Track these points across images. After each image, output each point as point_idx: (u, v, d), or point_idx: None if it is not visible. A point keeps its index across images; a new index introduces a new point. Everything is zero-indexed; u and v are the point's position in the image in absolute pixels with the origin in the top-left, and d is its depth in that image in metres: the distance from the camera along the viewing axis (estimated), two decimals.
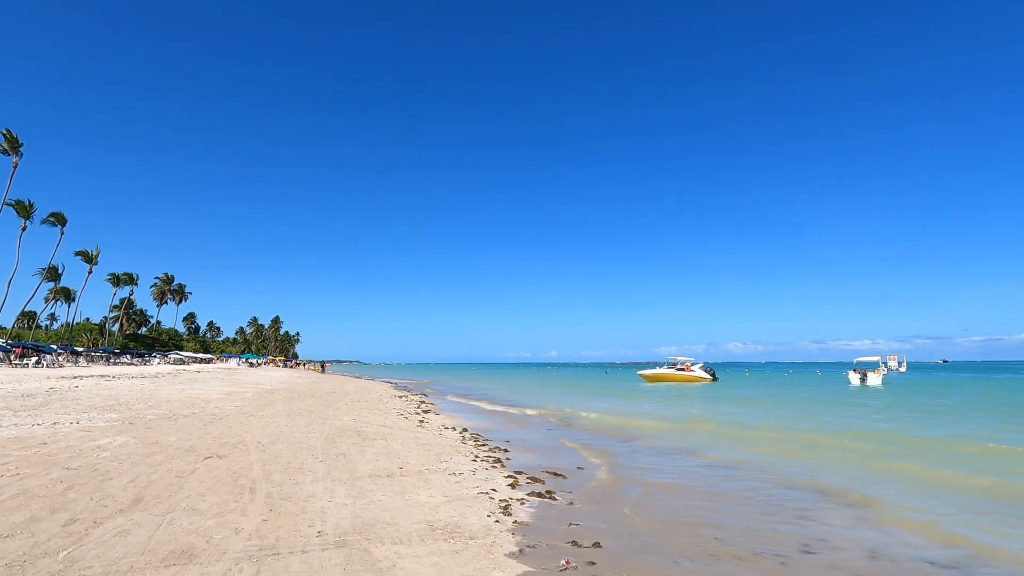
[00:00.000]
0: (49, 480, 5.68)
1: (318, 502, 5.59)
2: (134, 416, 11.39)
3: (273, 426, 11.29)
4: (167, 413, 12.31)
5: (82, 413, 11.41)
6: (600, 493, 7.25)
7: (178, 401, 15.38)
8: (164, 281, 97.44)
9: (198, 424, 10.82)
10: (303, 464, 7.48)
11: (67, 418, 10.47)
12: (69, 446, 7.56)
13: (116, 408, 12.70)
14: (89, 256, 72.63)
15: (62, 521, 4.46)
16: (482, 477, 7.64)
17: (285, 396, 20.77)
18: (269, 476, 6.59)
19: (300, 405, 17.00)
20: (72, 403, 13.34)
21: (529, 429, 14.74)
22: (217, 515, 4.92)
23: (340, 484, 6.46)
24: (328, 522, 4.94)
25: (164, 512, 4.89)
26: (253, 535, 4.45)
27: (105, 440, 8.22)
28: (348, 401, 20.15)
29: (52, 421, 9.90)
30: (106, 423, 10.10)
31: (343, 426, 12.08)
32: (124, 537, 4.20)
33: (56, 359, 42.61)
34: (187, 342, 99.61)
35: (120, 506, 4.98)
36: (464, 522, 5.29)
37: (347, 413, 15.28)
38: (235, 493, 5.71)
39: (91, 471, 6.23)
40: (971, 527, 5.97)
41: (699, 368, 46.06)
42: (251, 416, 12.93)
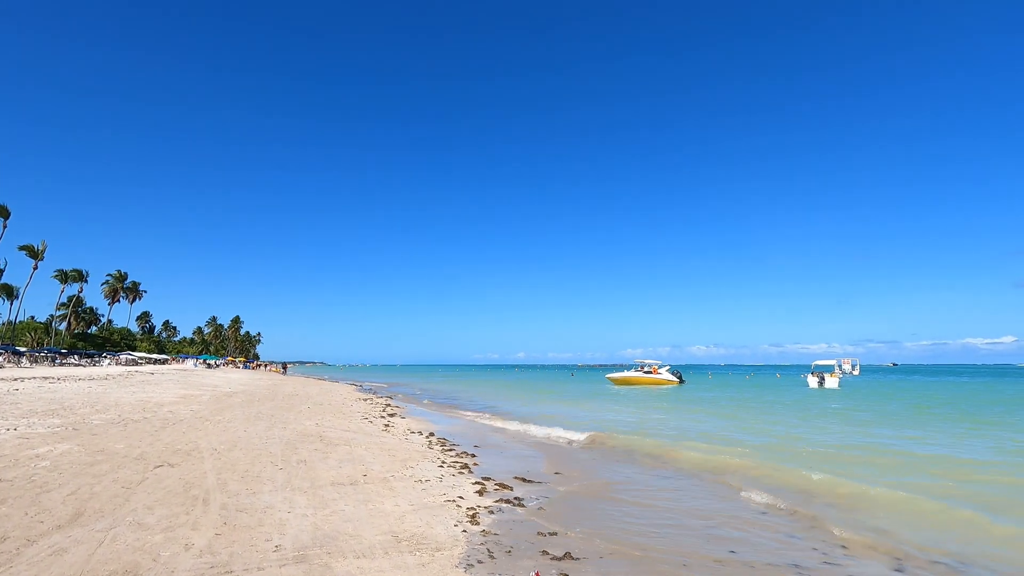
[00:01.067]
0: None
1: (276, 513, 5.33)
2: (79, 421, 10.76)
3: (230, 431, 10.84)
4: (116, 418, 11.68)
5: (21, 418, 10.71)
6: (570, 500, 7.17)
7: (128, 405, 14.64)
8: (117, 279, 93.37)
9: (149, 430, 10.29)
10: (261, 472, 7.16)
11: (2, 424, 9.80)
12: (3, 455, 7.04)
13: (59, 413, 11.98)
14: (35, 251, 68.88)
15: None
16: (449, 484, 7.47)
17: (244, 399, 20.06)
18: (224, 486, 6.27)
19: (260, 409, 16.43)
20: (11, 407, 12.53)
21: (497, 433, 14.61)
22: (166, 529, 4.62)
23: (300, 493, 6.19)
24: (287, 535, 4.70)
25: (107, 528, 4.57)
26: (205, 551, 4.19)
27: (44, 448, 7.70)
28: (311, 404, 19.61)
29: None
30: (47, 429, 9.50)
31: (305, 431, 11.70)
32: (60, 556, 3.88)
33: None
34: (141, 342, 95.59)
35: (58, 522, 4.62)
36: (430, 532, 5.12)
37: (309, 417, 14.84)
38: (187, 505, 5.39)
39: (27, 482, 5.80)
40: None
41: (666, 371, 46.71)
42: (207, 421, 12.39)
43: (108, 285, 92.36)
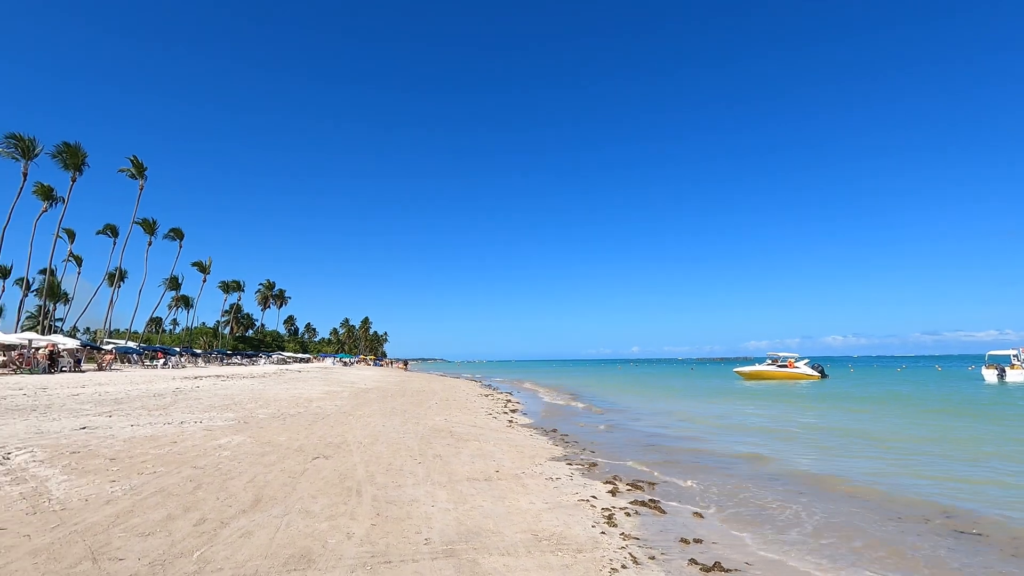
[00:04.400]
0: (181, 479, 6.13)
1: (421, 507, 5.62)
2: (247, 416, 12.23)
3: (371, 426, 11.70)
4: (276, 413, 13.13)
5: (203, 412, 12.42)
6: (713, 507, 6.79)
7: (284, 400, 16.41)
8: (266, 287, 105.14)
9: (303, 424, 11.42)
10: (403, 466, 7.62)
11: (191, 417, 11.41)
12: (195, 445, 8.19)
13: (232, 408, 13.72)
14: (203, 266, 79.83)
15: (193, 520, 4.75)
16: (579, 482, 7.42)
17: (379, 395, 21.62)
18: (373, 478, 6.75)
19: (393, 404, 17.59)
20: (195, 403, 14.58)
21: (620, 431, 14.32)
22: (329, 518, 5.05)
23: (440, 488, 6.48)
24: (434, 529, 4.93)
25: (281, 514, 5.10)
26: (364, 540, 4.51)
27: (225, 439, 8.84)
28: (437, 400, 20.63)
29: (180, 420, 10.83)
30: (224, 422, 10.90)
31: (436, 426, 12.30)
32: (248, 539, 4.39)
33: (179, 360, 47.11)
34: (288, 343, 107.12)
35: (242, 506, 5.25)
36: (569, 532, 5.10)
37: (438, 413, 15.60)
38: (343, 495, 5.87)
39: (215, 470, 6.67)
40: None
41: (804, 364, 42.80)
42: (350, 416, 13.49)
43: (260, 293, 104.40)
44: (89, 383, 20.55)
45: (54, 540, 4.11)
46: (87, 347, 39.77)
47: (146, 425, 10.00)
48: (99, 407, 12.58)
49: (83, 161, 52.23)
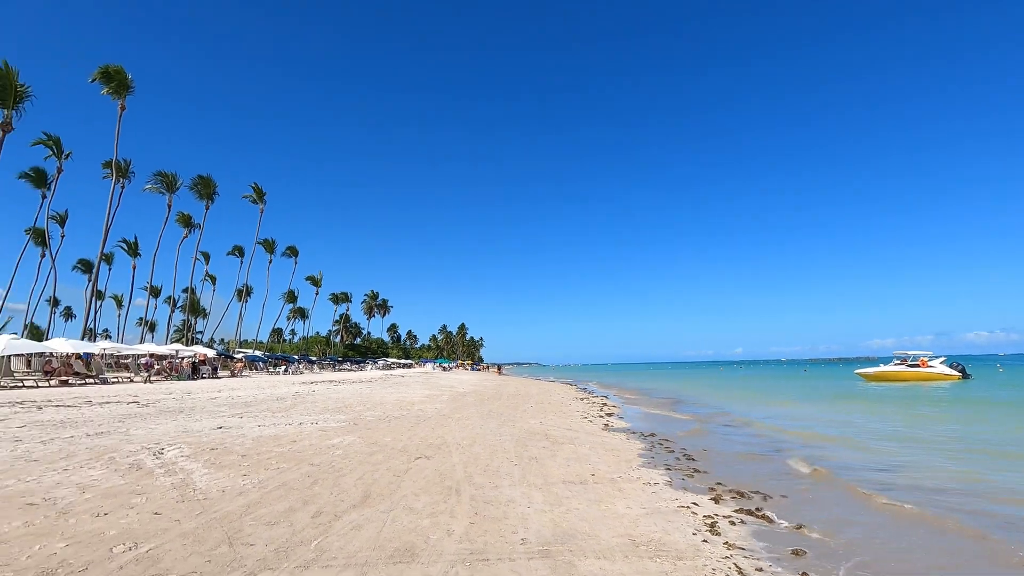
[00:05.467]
0: (300, 475, 6.71)
1: (518, 507, 5.71)
2: (357, 417, 13.10)
3: (469, 428, 12.06)
4: (382, 415, 13.94)
5: (319, 415, 13.47)
6: (832, 522, 6.28)
7: (389, 404, 17.37)
8: (371, 297, 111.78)
9: (406, 426, 12.02)
10: (499, 467, 7.78)
11: (308, 419, 12.43)
12: (312, 444, 8.92)
13: (343, 410, 14.76)
14: (316, 280, 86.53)
15: (311, 513, 5.18)
16: (679, 489, 7.16)
17: (476, 399, 22.22)
18: (471, 478, 6.97)
19: (490, 408, 18.00)
20: (311, 405, 15.86)
21: (723, 439, 13.62)
22: (431, 515, 5.29)
23: (536, 489, 6.55)
24: (530, 529, 4.99)
25: (387, 509, 5.41)
26: (463, 538, 4.67)
27: (337, 439, 9.54)
28: (533, 403, 20.82)
29: (299, 422, 11.83)
30: (337, 424, 11.75)
31: (531, 429, 12.43)
32: (358, 531, 4.71)
33: (298, 367, 51.38)
34: (391, 349, 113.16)
35: (353, 502, 5.64)
36: (668, 539, 4.94)
37: (533, 416, 15.74)
38: (444, 494, 6.11)
39: (329, 468, 7.22)
40: None
41: (939, 363, 37.90)
42: (449, 418, 14.00)
43: (365, 303, 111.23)
44: (224, 388, 23.03)
45: (198, 525, 4.67)
46: (222, 356, 44.56)
47: (270, 426, 11.03)
48: (232, 409, 14.07)
49: (214, 191, 58.79)
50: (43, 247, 53.66)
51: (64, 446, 7.89)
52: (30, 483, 5.80)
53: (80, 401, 15.26)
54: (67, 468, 6.52)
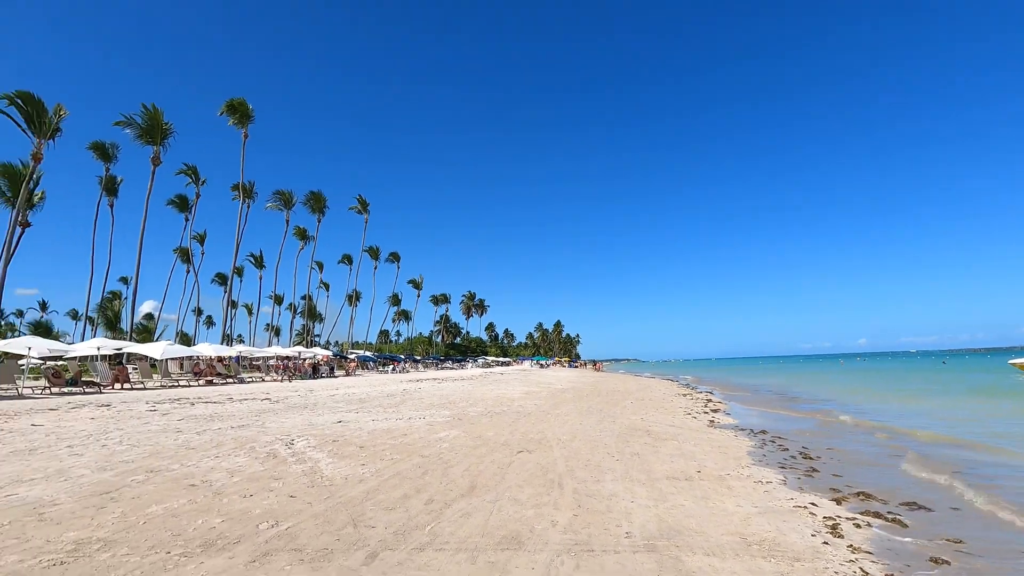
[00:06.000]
0: (411, 465, 7.16)
1: (621, 502, 5.70)
2: (461, 413, 13.65)
3: (569, 424, 12.13)
4: (484, 411, 14.40)
5: (425, 410, 14.20)
6: (976, 538, 5.63)
7: (490, 400, 17.89)
8: (469, 298, 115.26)
9: (507, 421, 12.33)
10: (601, 462, 7.78)
11: (416, 414, 13.15)
12: (421, 438, 9.45)
13: (447, 406, 15.44)
14: (417, 283, 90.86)
15: (424, 500, 5.53)
16: (794, 488, 6.75)
17: (574, 395, 22.24)
18: (573, 472, 7.04)
19: (589, 404, 17.94)
20: (418, 402, 16.74)
21: (844, 437, 12.57)
22: (535, 506, 5.44)
23: (639, 485, 6.48)
24: (634, 523, 4.97)
25: (493, 500, 5.64)
26: (567, 529, 4.76)
27: (443, 433, 10.02)
28: (633, 400, 20.45)
29: (408, 416, 12.57)
30: (442, 419, 12.33)
31: (632, 425, 12.25)
32: (467, 519, 4.96)
33: (404, 366, 54.27)
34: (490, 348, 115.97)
35: (461, 491, 5.94)
36: (783, 539, 4.70)
37: (633, 412, 15.48)
38: (546, 487, 6.24)
39: (437, 459, 7.63)
40: None
41: None
42: (548, 414, 14.16)
43: (463, 304, 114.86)
44: (341, 386, 24.93)
45: (327, 508, 5.16)
46: (337, 357, 48.16)
47: (383, 420, 11.82)
48: (349, 405, 15.22)
49: (324, 204, 63.64)
50: (188, 264, 61.12)
51: (214, 436, 9.01)
52: (190, 467, 6.71)
53: (223, 398, 17.26)
54: (218, 455, 7.45)
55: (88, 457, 7.21)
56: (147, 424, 10.55)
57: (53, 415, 11.86)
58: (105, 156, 46.52)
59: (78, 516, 4.77)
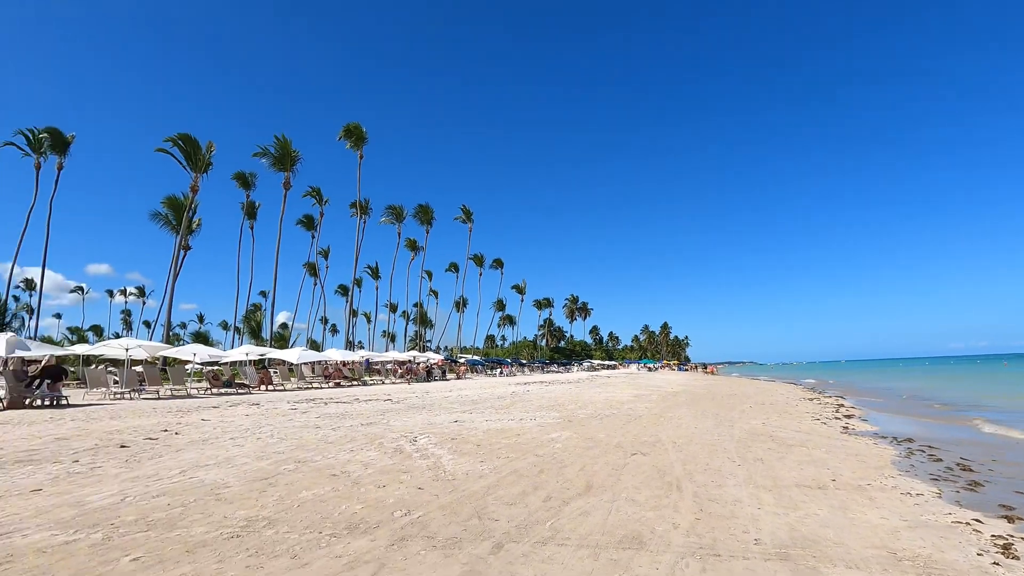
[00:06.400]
0: (527, 464, 7.36)
1: (746, 508, 5.45)
2: (570, 415, 13.71)
3: (682, 427, 11.74)
4: (593, 413, 14.35)
5: (535, 412, 14.44)
6: None
7: (599, 403, 17.77)
8: (572, 301, 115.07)
9: (618, 423, 12.19)
10: (720, 467, 7.47)
11: (527, 415, 13.42)
12: (533, 438, 9.66)
13: (556, 408, 15.58)
14: (520, 289, 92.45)
15: (542, 497, 5.68)
16: (951, 502, 6.01)
17: (687, 398, 21.40)
18: (691, 476, 6.83)
19: (703, 407, 17.19)
20: (527, 404, 17.06)
21: (1016, 450, 10.94)
22: (653, 508, 5.37)
23: (765, 491, 6.15)
24: (763, 531, 4.74)
25: (610, 500, 5.65)
26: (690, 532, 4.66)
27: (555, 434, 10.15)
28: (752, 404, 19.27)
29: (519, 418, 12.87)
30: (552, 420, 12.48)
31: (753, 430, 11.57)
32: (586, 517, 5.03)
33: (511, 370, 55.36)
34: (595, 351, 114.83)
35: (577, 491, 6.01)
36: (941, 557, 4.23)
37: (754, 416, 14.60)
38: (664, 489, 6.12)
39: (551, 459, 7.76)
40: None
41: None
42: (661, 417, 13.79)
43: (566, 307, 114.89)
44: (453, 388, 26.06)
45: (452, 500, 5.48)
46: (448, 361, 50.32)
47: (496, 421, 12.21)
48: (462, 406, 15.89)
49: (432, 216, 66.96)
50: (315, 277, 67.22)
51: (347, 432, 9.87)
52: (330, 459, 7.43)
53: (351, 399, 18.79)
54: (352, 449, 8.17)
55: (247, 448, 8.23)
56: (291, 420, 11.79)
57: (216, 412, 13.66)
58: (246, 184, 52.65)
59: (245, 497, 5.49)
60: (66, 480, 6.22)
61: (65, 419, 12.35)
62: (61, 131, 43.41)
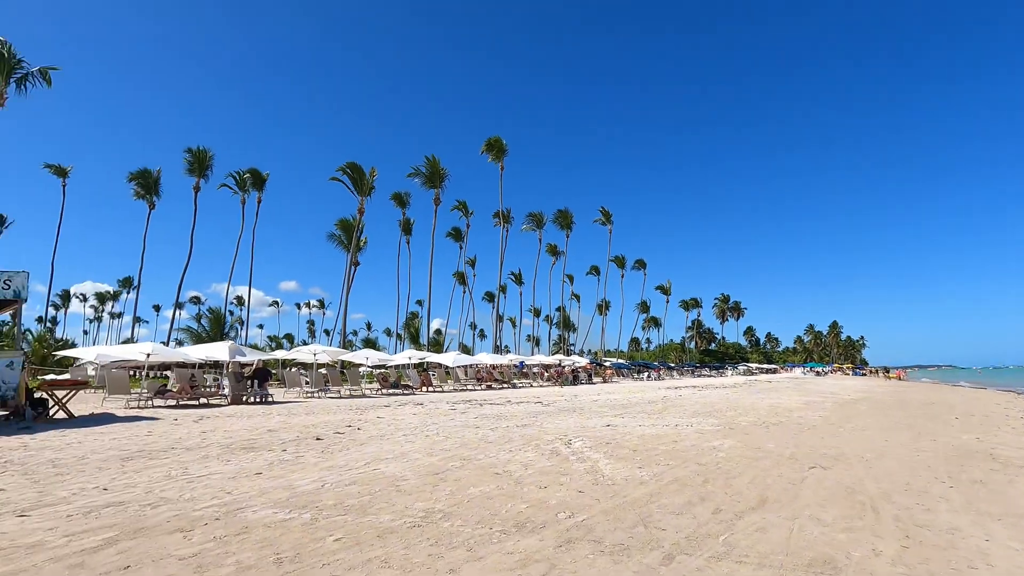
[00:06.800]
0: (689, 472, 7.00)
1: (969, 539, 4.60)
2: (730, 422, 12.80)
3: (869, 439, 10.31)
4: (756, 420, 13.24)
5: (690, 418, 13.73)
6: None
7: (762, 409, 16.35)
8: (722, 301, 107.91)
9: (788, 433, 11.09)
10: (927, 488, 6.41)
11: (682, 421, 12.81)
12: (692, 445, 9.18)
13: (713, 414, 14.65)
14: (665, 289, 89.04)
15: (710, 509, 5.35)
16: None
17: (869, 407, 18.80)
18: (888, 496, 5.96)
19: (893, 418, 14.95)
20: (680, 409, 16.29)
21: None
22: (845, 530, 4.77)
23: (993, 520, 5.13)
24: (997, 568, 3.96)
25: (790, 517, 5.13)
26: (896, 561, 4.05)
27: (716, 442, 9.54)
28: (958, 414, 16.31)
29: (674, 424, 12.34)
30: (710, 427, 11.75)
31: (964, 446, 9.77)
32: (763, 534, 4.63)
33: (658, 373, 53.43)
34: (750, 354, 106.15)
35: (750, 504, 5.56)
36: None
37: (962, 430, 12.33)
38: (855, 509, 5.42)
39: (715, 468, 7.30)
40: None
41: None
42: (838, 427, 12.27)
43: (717, 307, 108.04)
44: (601, 392, 25.84)
45: (614, 506, 5.41)
46: (594, 364, 50.09)
47: (649, 426, 11.84)
48: (612, 410, 15.67)
49: (572, 220, 67.41)
50: (463, 285, 71.34)
51: (504, 433, 10.28)
52: (491, 458, 7.78)
53: (503, 400, 19.56)
54: (510, 449, 8.48)
55: (418, 444, 8.96)
56: (452, 420, 12.60)
57: (388, 410, 15.10)
58: (401, 203, 57.78)
59: (420, 490, 5.97)
60: (279, 466, 7.30)
61: (272, 414, 14.56)
62: (259, 170, 51.63)
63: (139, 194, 50.85)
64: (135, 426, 11.83)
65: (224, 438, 9.93)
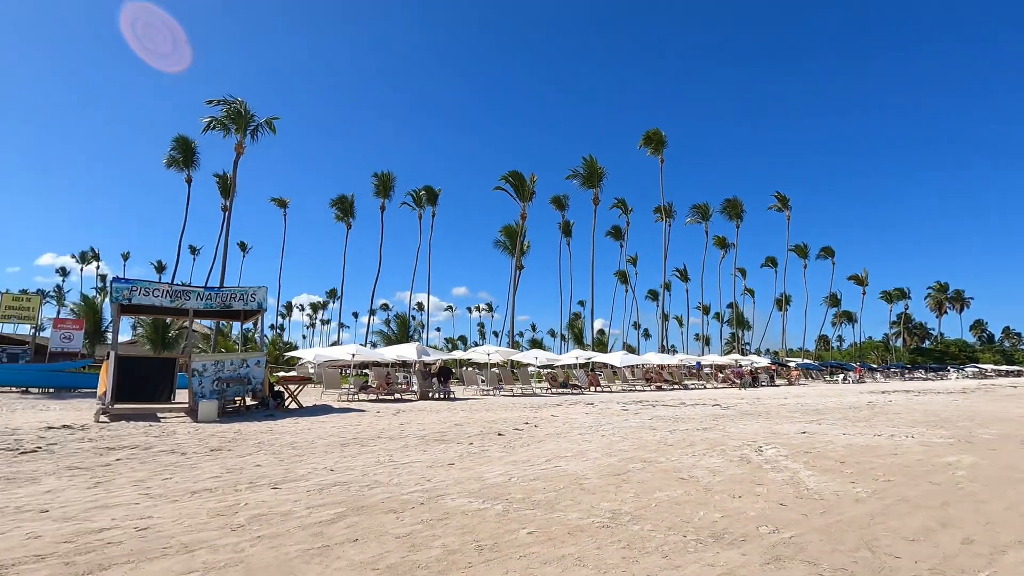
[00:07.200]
0: (920, 492, 5.93)
1: None
2: (965, 434, 10.63)
3: None
4: (1005, 433, 10.79)
5: (909, 427, 11.69)
6: None
7: (1011, 420, 13.30)
8: (938, 290, 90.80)
9: None
10: None
11: (899, 431, 10.96)
12: (919, 460, 7.78)
13: (941, 424, 12.31)
14: (860, 279, 77.76)
15: (958, 539, 4.45)
16: None
17: None
18: None
19: None
20: (893, 416, 13.98)
21: None
22: None
23: None
24: None
25: None
26: None
27: (951, 458, 7.97)
28: None
29: (889, 433, 10.61)
30: (939, 440, 9.87)
31: None
32: None
33: (858, 375, 46.65)
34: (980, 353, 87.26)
35: (1015, 535, 4.51)
36: None
37: None
38: None
39: (955, 488, 6.09)
40: None
41: None
42: None
43: (930, 298, 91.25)
44: (789, 395, 23.36)
45: (827, 524, 4.79)
46: (775, 364, 45.59)
47: (855, 435, 10.34)
48: (804, 415, 14.03)
49: (742, 210, 62.32)
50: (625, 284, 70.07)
51: (684, 436, 9.79)
52: (673, 462, 7.45)
53: (676, 402, 18.71)
54: (694, 454, 8.03)
55: (594, 443, 8.95)
56: (625, 421, 12.38)
57: (560, 409, 15.39)
58: (560, 206, 58.76)
59: (603, 490, 5.93)
60: (468, 458, 7.84)
61: (456, 409, 15.76)
62: (432, 187, 56.72)
63: (339, 216, 59.20)
64: (347, 416, 13.70)
65: (419, 430, 10.98)
